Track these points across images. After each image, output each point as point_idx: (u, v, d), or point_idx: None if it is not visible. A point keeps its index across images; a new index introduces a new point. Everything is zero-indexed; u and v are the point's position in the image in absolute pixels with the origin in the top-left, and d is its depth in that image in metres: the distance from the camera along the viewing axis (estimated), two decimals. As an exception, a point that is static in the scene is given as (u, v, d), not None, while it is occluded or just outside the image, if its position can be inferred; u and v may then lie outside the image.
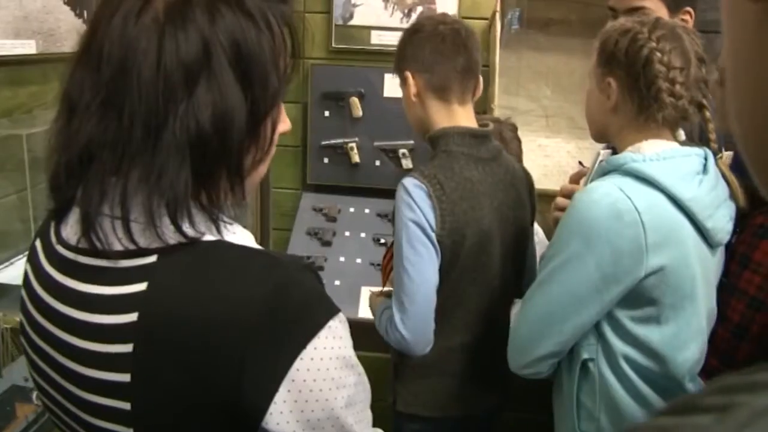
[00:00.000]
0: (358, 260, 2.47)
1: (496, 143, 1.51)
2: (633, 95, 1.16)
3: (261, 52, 0.66)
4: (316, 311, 0.65)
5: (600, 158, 1.24)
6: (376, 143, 2.57)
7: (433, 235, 1.35)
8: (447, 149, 1.41)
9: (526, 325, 1.19)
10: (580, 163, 2.46)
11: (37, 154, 1.63)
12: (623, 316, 1.14)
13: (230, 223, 0.69)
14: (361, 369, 0.70)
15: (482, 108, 2.34)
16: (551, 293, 1.15)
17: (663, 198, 1.10)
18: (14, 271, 1.64)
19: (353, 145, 2.57)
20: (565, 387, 1.23)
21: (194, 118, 0.62)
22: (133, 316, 0.62)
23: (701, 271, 1.15)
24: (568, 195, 1.26)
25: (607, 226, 1.07)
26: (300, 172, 2.69)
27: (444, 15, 1.52)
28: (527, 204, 1.56)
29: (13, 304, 0.76)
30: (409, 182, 1.37)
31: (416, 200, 1.35)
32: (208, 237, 0.66)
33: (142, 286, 0.63)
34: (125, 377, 0.63)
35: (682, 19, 1.46)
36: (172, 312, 0.62)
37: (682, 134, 1.19)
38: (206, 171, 0.64)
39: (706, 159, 1.16)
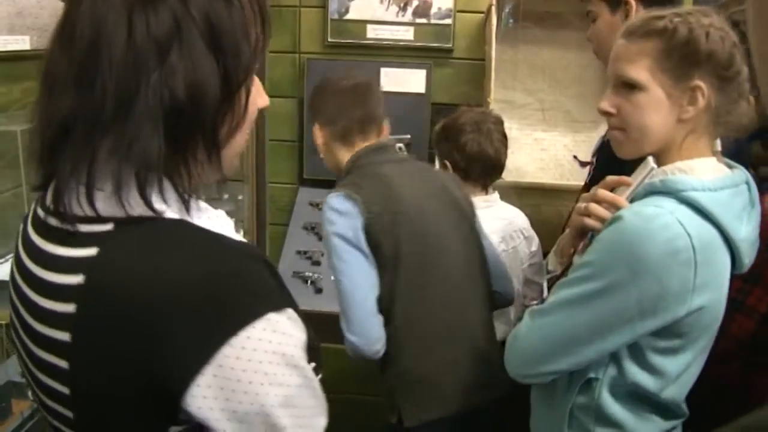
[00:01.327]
0: (355, 255, 2.46)
1: (403, 153, 1.64)
2: (723, 100, 1.03)
3: (231, 23, 0.67)
4: (258, 301, 0.65)
5: (650, 172, 1.08)
6: (373, 138, 2.57)
7: (361, 237, 1.43)
8: (357, 164, 1.55)
9: (541, 340, 1.10)
10: (575, 157, 2.47)
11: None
12: (646, 345, 1.06)
13: (204, 206, 0.70)
14: (311, 375, 0.68)
15: (478, 102, 2.33)
16: (580, 317, 1.05)
17: (717, 235, 1.02)
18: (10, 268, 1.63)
19: (349, 139, 2.57)
20: (558, 396, 1.16)
21: (167, 86, 0.63)
22: (79, 278, 0.64)
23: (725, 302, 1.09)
24: (607, 203, 1.11)
25: (660, 262, 0.98)
26: (296, 167, 2.69)
27: (348, 71, 1.67)
28: (457, 191, 1.62)
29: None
30: (329, 198, 1.48)
31: (338, 209, 1.45)
32: (172, 215, 0.67)
33: (92, 251, 0.65)
34: (66, 336, 0.64)
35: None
36: (116, 280, 0.63)
37: (718, 144, 1.12)
38: (181, 139, 0.65)
39: (748, 184, 1.09)
